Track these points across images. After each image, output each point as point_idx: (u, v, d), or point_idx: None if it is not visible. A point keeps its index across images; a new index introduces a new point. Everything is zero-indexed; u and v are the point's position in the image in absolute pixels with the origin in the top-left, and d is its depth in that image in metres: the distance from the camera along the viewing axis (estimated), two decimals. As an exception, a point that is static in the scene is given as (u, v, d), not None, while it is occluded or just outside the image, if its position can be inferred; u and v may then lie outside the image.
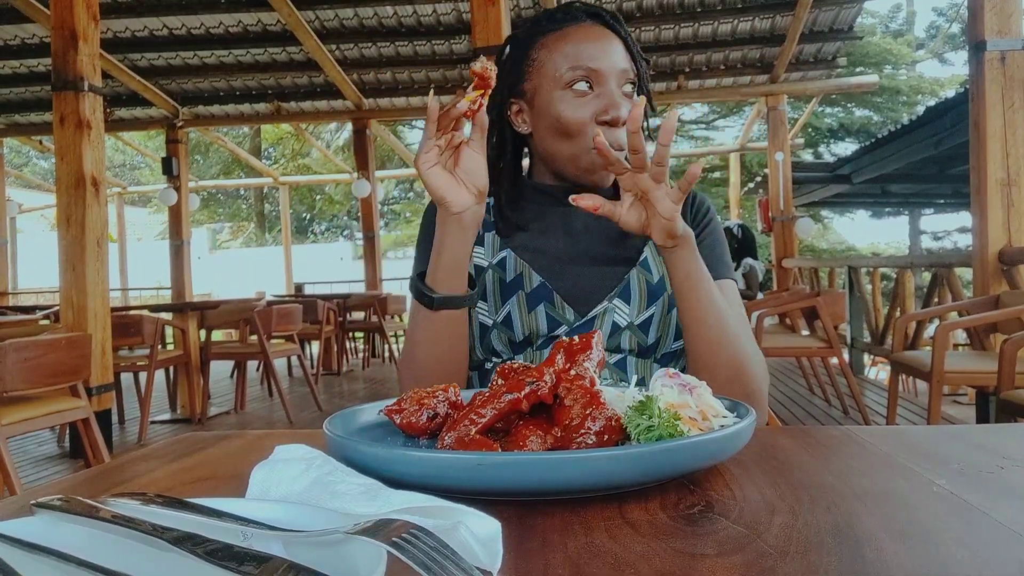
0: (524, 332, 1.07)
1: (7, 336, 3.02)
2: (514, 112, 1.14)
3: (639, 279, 1.07)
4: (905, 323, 4.24)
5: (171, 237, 8.70)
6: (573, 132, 1.04)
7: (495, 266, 1.12)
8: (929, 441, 0.68)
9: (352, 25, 6.92)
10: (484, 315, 1.10)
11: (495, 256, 1.13)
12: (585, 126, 1.04)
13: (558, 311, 1.06)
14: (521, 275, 1.09)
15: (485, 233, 1.16)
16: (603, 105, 1.04)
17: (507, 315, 1.08)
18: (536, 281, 1.08)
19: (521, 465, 0.50)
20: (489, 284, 1.11)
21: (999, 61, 3.78)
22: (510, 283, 1.09)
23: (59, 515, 0.40)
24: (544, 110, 1.07)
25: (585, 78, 1.04)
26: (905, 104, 16.99)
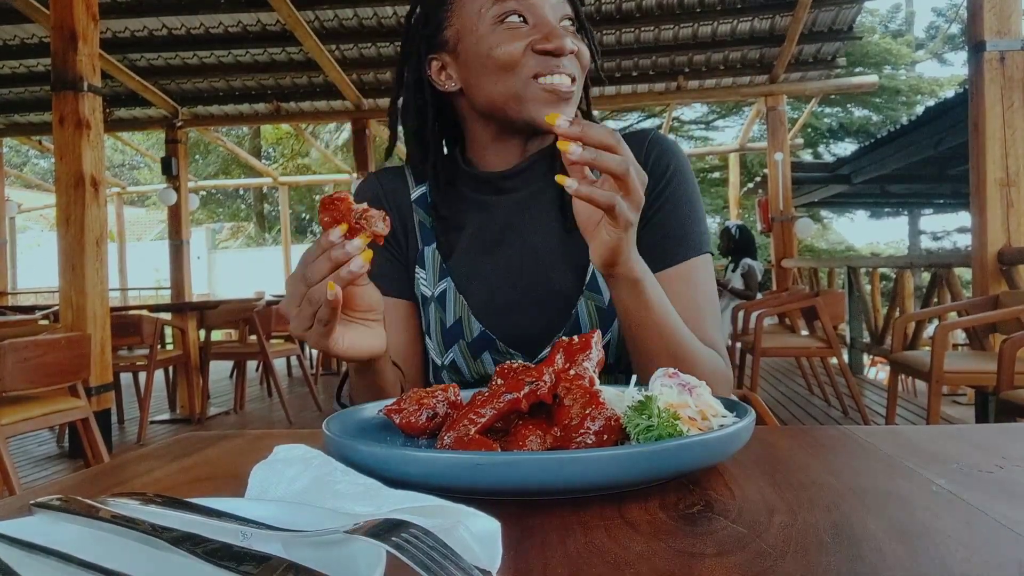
0: (474, 376, 1.00)
1: (6, 336, 3.02)
2: (435, 70, 1.00)
3: (588, 308, 0.96)
4: (904, 323, 4.24)
5: (170, 237, 8.69)
6: (508, 65, 0.91)
7: (436, 301, 1.02)
8: (928, 441, 0.68)
9: (352, 25, 6.92)
10: (433, 353, 1.02)
11: (436, 286, 1.03)
12: (519, 57, 0.91)
13: (504, 357, 0.98)
14: (460, 321, 0.99)
15: (425, 247, 1.05)
16: (541, 33, 0.91)
17: (452, 360, 1.00)
18: (476, 329, 0.98)
19: (520, 465, 0.50)
20: (432, 322, 1.02)
21: (998, 61, 3.78)
22: (450, 329, 1.00)
23: (58, 515, 0.40)
24: (472, 54, 0.94)
25: (515, 11, 0.92)
26: (904, 104, 17.01)
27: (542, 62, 0.91)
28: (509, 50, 0.92)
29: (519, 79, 0.92)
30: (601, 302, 0.97)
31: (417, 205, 1.08)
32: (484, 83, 0.95)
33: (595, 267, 0.82)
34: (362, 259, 0.70)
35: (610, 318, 0.96)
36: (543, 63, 0.91)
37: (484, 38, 0.93)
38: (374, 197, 1.07)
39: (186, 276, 8.55)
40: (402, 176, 1.11)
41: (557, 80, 0.92)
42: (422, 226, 1.07)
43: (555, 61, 0.91)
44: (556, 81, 0.92)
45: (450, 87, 1.00)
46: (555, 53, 0.91)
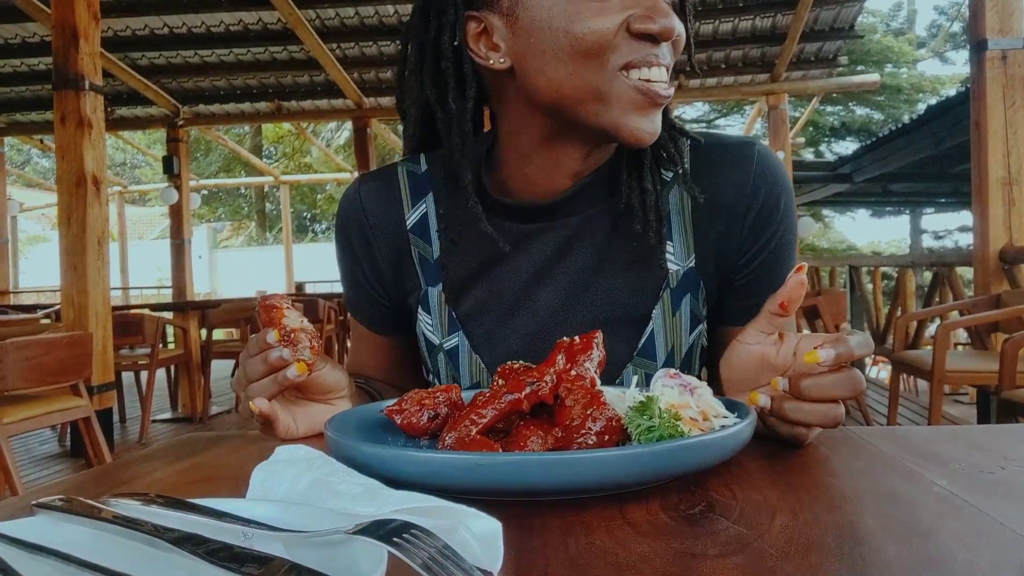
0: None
1: (8, 335, 3.02)
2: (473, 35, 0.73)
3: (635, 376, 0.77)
4: (906, 322, 4.24)
5: (172, 236, 8.70)
6: (594, 50, 0.68)
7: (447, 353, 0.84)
8: (930, 441, 0.68)
9: (353, 24, 6.91)
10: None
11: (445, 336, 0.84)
12: (611, 39, 0.68)
13: None
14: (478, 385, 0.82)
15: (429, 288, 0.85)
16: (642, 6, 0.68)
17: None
18: None
19: (522, 465, 0.50)
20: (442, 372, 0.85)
21: (1000, 60, 3.78)
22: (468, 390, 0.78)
23: (60, 515, 0.40)
24: (538, 22, 0.69)
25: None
26: (906, 102, 16.99)
27: (638, 49, 0.69)
28: (597, 27, 0.67)
29: (604, 71, 0.69)
30: (652, 368, 0.79)
31: (414, 234, 0.85)
32: (550, 67, 0.70)
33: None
34: (296, 369, 0.66)
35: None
36: (639, 50, 0.69)
37: (560, 6, 0.69)
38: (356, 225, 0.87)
39: (188, 275, 8.56)
40: (393, 188, 0.86)
41: (655, 76, 0.70)
42: (423, 260, 0.86)
43: (653, 48, 0.69)
44: (654, 77, 0.70)
45: (496, 63, 0.73)
46: (660, 37, 0.69)
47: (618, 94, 0.70)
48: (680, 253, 0.80)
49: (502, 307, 0.82)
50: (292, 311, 0.69)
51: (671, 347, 0.79)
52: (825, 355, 0.59)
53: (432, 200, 0.85)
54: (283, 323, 0.67)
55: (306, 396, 0.75)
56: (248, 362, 0.70)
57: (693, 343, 0.81)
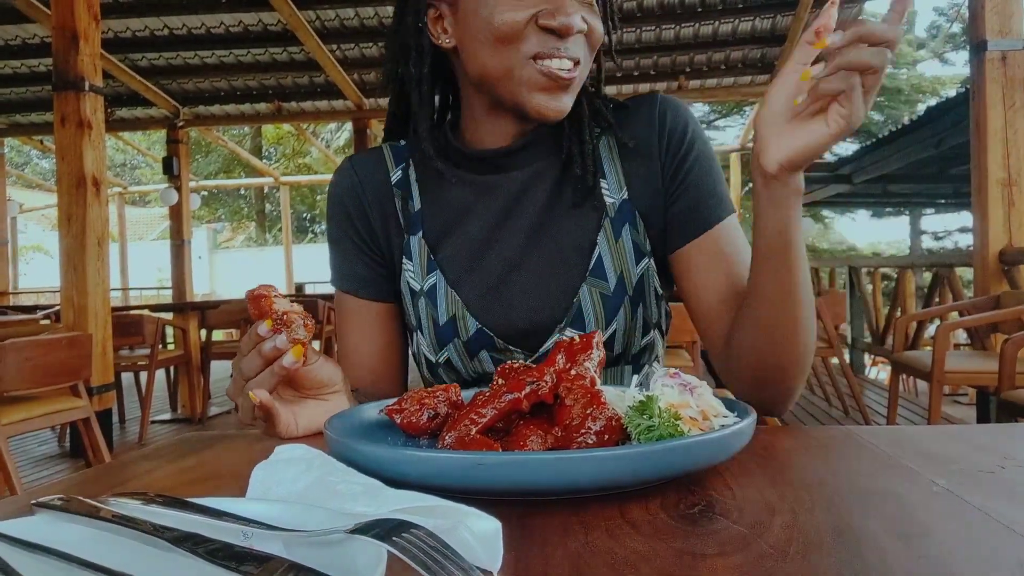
0: (472, 375, 0.94)
1: (8, 336, 3.02)
2: (432, 18, 0.89)
3: (592, 297, 0.89)
4: (906, 323, 4.24)
5: (172, 237, 8.70)
6: (507, 37, 0.82)
7: (426, 295, 0.94)
8: (929, 441, 0.68)
9: (353, 25, 6.92)
10: (426, 350, 0.95)
11: (425, 279, 0.94)
12: (521, 30, 0.81)
13: (503, 354, 0.92)
14: (454, 319, 0.91)
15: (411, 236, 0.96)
16: (549, 3, 0.81)
17: (447, 359, 0.93)
18: (472, 327, 0.91)
19: (521, 465, 0.50)
20: (424, 318, 0.94)
21: (1000, 61, 3.78)
22: (443, 327, 0.92)
23: (60, 515, 0.40)
24: (470, 12, 0.84)
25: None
26: (906, 103, 16.99)
27: (544, 41, 0.82)
28: (510, 19, 0.81)
29: (516, 56, 0.83)
30: (606, 289, 0.90)
31: (398, 188, 0.99)
32: (478, 50, 0.85)
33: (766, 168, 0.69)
34: (292, 355, 0.68)
35: (614, 307, 0.90)
36: (545, 43, 0.82)
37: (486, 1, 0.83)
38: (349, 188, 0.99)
39: (187, 276, 8.56)
40: (380, 158, 1.01)
41: (556, 65, 0.83)
42: (405, 213, 0.98)
43: (559, 42, 0.82)
44: (555, 66, 0.83)
45: (444, 43, 0.89)
46: (561, 33, 0.81)
47: (526, 77, 0.83)
48: (614, 187, 0.94)
49: (472, 247, 0.94)
50: (279, 298, 0.70)
51: (619, 271, 0.91)
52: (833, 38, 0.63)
53: (411, 163, 1.00)
54: (273, 308, 0.68)
55: (301, 392, 0.76)
56: (243, 361, 0.71)
57: (642, 275, 0.93)
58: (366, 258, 0.99)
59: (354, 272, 0.99)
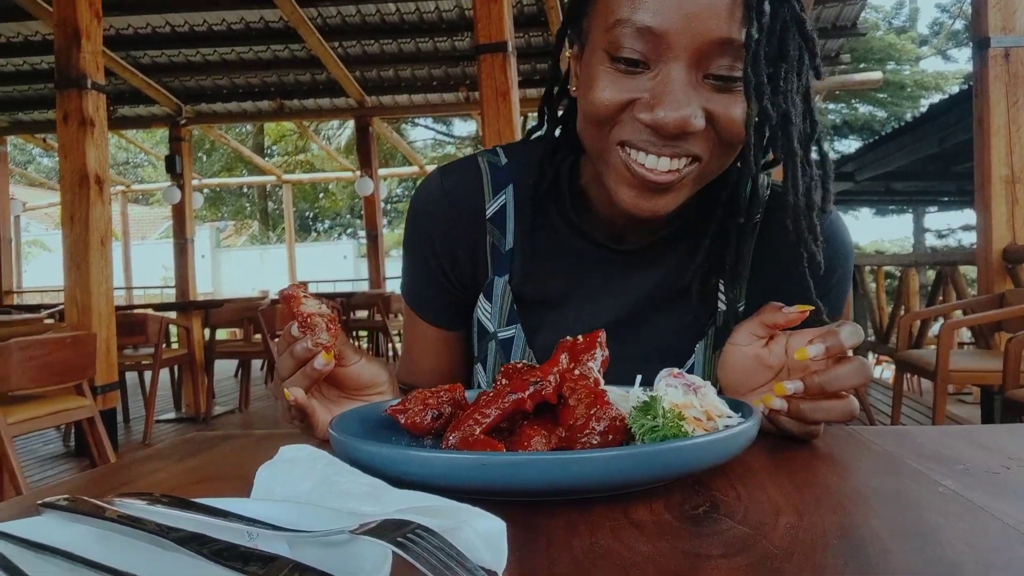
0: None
1: (12, 335, 3.03)
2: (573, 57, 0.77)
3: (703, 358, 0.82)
4: (909, 322, 4.23)
5: (175, 235, 8.71)
6: (598, 118, 0.68)
7: (499, 341, 0.85)
8: (934, 441, 0.68)
9: (355, 22, 6.92)
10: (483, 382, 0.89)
11: (502, 327, 0.86)
12: (614, 112, 0.67)
13: None
14: None
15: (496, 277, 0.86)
16: (650, 92, 0.65)
17: None
18: None
19: (525, 465, 0.50)
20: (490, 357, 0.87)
21: (1003, 58, 3.77)
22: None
23: (65, 515, 0.40)
24: (583, 73, 0.72)
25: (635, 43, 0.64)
26: (909, 99, 16.95)
27: (639, 131, 0.67)
28: (604, 100, 0.67)
29: (607, 139, 0.70)
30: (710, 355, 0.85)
31: (493, 224, 0.86)
32: (581, 116, 0.73)
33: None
34: (323, 358, 0.66)
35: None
36: (639, 132, 0.67)
37: (594, 65, 0.69)
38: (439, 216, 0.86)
39: (191, 274, 8.57)
40: (476, 177, 0.87)
41: (647, 162, 0.68)
42: (495, 250, 0.86)
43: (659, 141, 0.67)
44: (645, 163, 0.68)
45: (572, 90, 0.77)
46: (658, 131, 0.66)
47: (613, 164, 0.71)
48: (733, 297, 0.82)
49: (561, 312, 0.84)
50: (310, 298, 0.69)
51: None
52: (815, 351, 0.61)
53: (511, 191, 0.86)
54: (300, 310, 0.68)
55: (345, 393, 0.75)
56: (279, 360, 0.70)
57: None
58: (441, 289, 0.90)
59: (425, 296, 0.92)
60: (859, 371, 0.61)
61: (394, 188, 20.68)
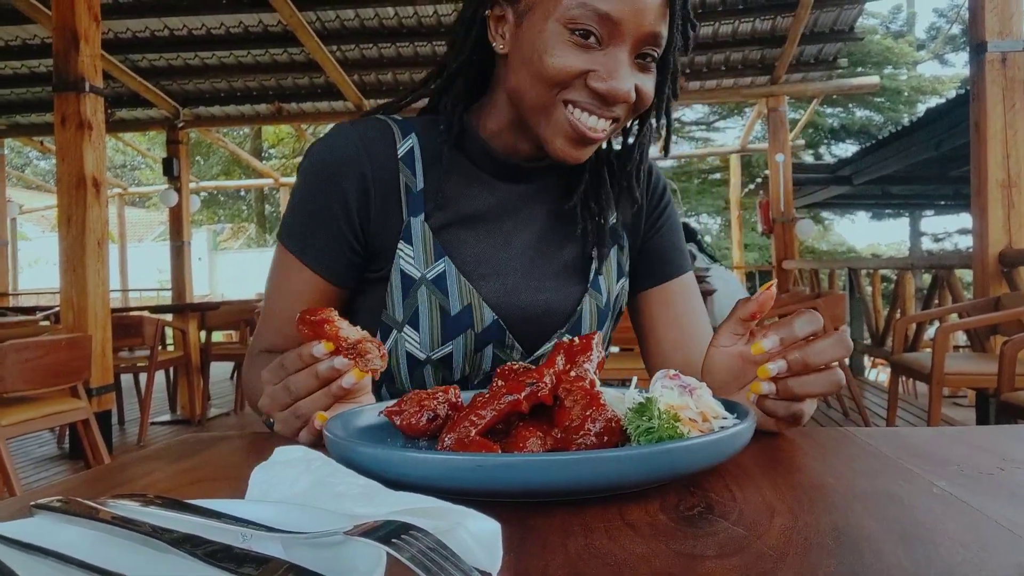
0: (465, 371, 0.90)
1: (7, 337, 3.02)
2: (495, 16, 0.87)
3: (591, 306, 0.95)
4: (905, 325, 4.24)
5: (172, 238, 8.70)
6: (552, 80, 0.80)
7: (431, 284, 0.88)
8: (929, 442, 0.68)
9: (353, 26, 6.92)
10: (414, 346, 0.88)
11: (429, 267, 0.89)
12: (570, 80, 0.80)
13: (506, 352, 0.91)
14: (470, 308, 0.88)
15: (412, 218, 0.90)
16: (603, 67, 0.79)
17: (448, 354, 0.88)
18: (489, 319, 0.89)
19: (521, 466, 0.50)
20: (424, 310, 0.88)
21: (1000, 62, 3.78)
22: (455, 317, 0.88)
23: (59, 516, 0.40)
24: (530, 38, 0.81)
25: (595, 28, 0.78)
26: (906, 104, 17.00)
27: (586, 96, 0.81)
28: (562, 67, 0.79)
29: (554, 98, 0.82)
30: (600, 301, 0.97)
31: (404, 163, 0.91)
32: (522, 73, 0.83)
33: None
34: (354, 375, 0.66)
35: (602, 320, 0.98)
36: (586, 98, 0.81)
37: (548, 34, 0.80)
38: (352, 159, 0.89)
39: (187, 277, 8.55)
40: (385, 127, 0.94)
41: (589, 123, 0.82)
42: (408, 191, 0.91)
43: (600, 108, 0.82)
44: (588, 123, 0.82)
45: (498, 48, 0.87)
46: (605, 99, 0.81)
47: (556, 118, 0.83)
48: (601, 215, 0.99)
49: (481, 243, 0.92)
50: (344, 321, 0.67)
51: (607, 287, 0.98)
52: (769, 343, 0.66)
53: (415, 138, 0.94)
54: (341, 335, 0.66)
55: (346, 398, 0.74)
56: (292, 380, 0.68)
57: (619, 293, 1.01)
58: (346, 242, 0.90)
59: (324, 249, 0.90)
60: (839, 342, 0.63)
61: (392, 191, 20.63)
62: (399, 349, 0.89)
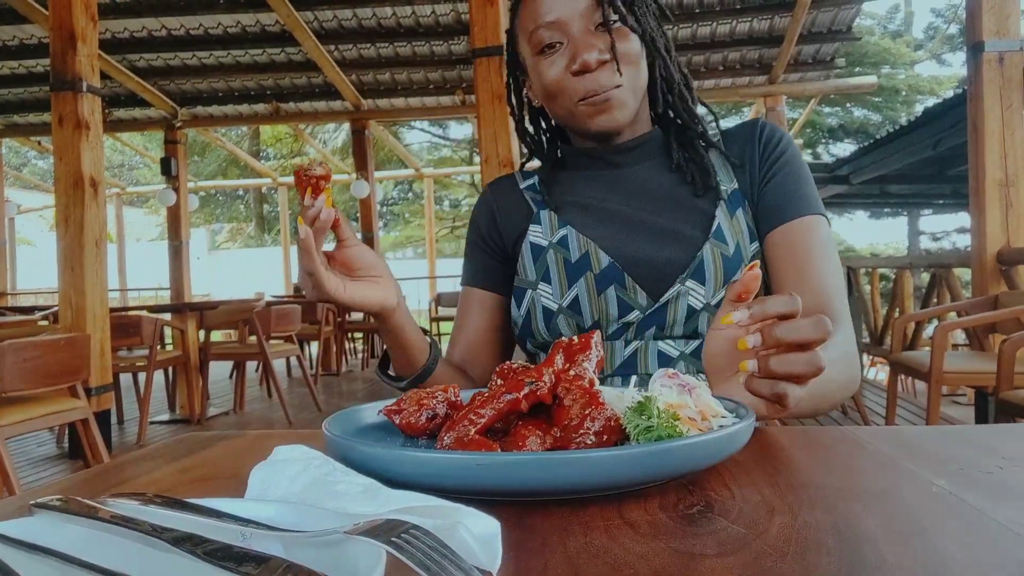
0: (594, 316, 1.00)
1: (6, 336, 3.02)
2: (527, 87, 1.13)
3: (713, 255, 0.97)
4: (904, 323, 4.24)
5: (170, 238, 8.69)
6: (555, 93, 1.01)
7: (556, 245, 1.05)
8: (928, 441, 0.68)
9: (351, 26, 6.92)
10: (548, 299, 1.02)
11: (554, 234, 1.06)
12: (562, 83, 1.00)
13: (629, 294, 0.98)
14: (587, 254, 1.01)
15: (540, 211, 1.10)
16: (570, 56, 0.98)
17: (574, 299, 1.00)
18: (605, 261, 1.00)
19: (520, 465, 0.50)
20: (552, 265, 1.04)
21: (997, 62, 3.79)
22: (576, 263, 1.01)
23: (58, 515, 0.40)
24: (537, 82, 1.05)
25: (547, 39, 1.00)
26: (904, 103, 17.01)
27: (580, 83, 0.98)
28: (551, 78, 1.01)
29: (569, 102, 1.01)
30: (727, 251, 0.98)
31: (527, 190, 1.16)
32: (547, 105, 1.07)
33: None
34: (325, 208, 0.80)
35: (733, 269, 0.97)
36: (581, 85, 0.98)
37: (534, 68, 1.04)
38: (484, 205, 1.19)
39: (186, 277, 8.55)
40: (511, 179, 1.20)
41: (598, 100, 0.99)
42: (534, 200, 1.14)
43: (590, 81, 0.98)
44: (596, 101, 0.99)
45: (536, 104, 1.13)
46: (583, 70, 0.97)
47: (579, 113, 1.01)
48: (725, 181, 1.05)
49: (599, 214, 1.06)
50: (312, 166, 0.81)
51: (737, 241, 0.99)
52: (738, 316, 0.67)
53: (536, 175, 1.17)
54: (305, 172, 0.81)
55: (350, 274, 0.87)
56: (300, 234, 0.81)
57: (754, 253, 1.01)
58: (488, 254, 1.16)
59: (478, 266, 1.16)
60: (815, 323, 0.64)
61: (389, 191, 20.68)
62: (536, 306, 1.04)
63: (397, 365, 0.99)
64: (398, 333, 0.94)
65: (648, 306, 0.97)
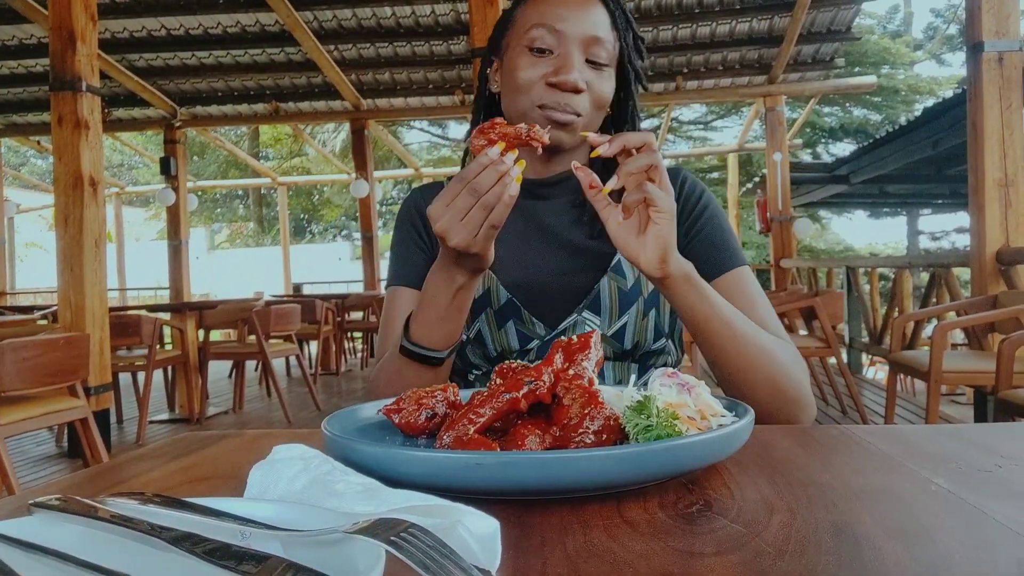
0: (496, 348, 1.05)
1: (5, 336, 3.02)
2: (492, 69, 1.12)
3: (610, 287, 1.03)
4: (903, 323, 4.25)
5: (169, 237, 8.69)
6: (522, 88, 1.01)
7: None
8: (927, 440, 0.68)
9: (350, 26, 6.92)
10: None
11: None
12: (533, 84, 1.00)
13: (527, 326, 1.04)
14: (488, 291, 1.06)
15: None
16: (555, 66, 0.99)
17: (478, 332, 1.05)
18: (503, 297, 1.04)
19: (519, 464, 0.50)
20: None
21: (996, 62, 3.79)
22: (478, 300, 1.05)
23: (57, 515, 0.40)
24: (508, 69, 1.04)
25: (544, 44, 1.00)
26: (903, 103, 17.01)
27: (549, 94, 0.99)
28: (526, 76, 1.01)
29: (528, 102, 1.01)
30: (623, 284, 1.03)
31: None
32: (507, 96, 1.05)
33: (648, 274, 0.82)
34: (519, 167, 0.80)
35: (628, 302, 1.02)
36: (550, 95, 0.99)
37: (514, 57, 1.03)
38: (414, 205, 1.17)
39: (185, 276, 8.55)
40: (437, 183, 1.21)
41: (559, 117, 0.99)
42: None
43: (561, 97, 0.99)
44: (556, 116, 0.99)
45: (494, 88, 1.11)
46: (559, 86, 0.98)
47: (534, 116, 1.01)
48: None
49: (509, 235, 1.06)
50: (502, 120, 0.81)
51: (637, 275, 1.04)
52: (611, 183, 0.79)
53: None
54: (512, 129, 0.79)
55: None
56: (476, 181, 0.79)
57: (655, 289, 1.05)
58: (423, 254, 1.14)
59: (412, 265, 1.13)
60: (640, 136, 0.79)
61: (389, 190, 20.67)
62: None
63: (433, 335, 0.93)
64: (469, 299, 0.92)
65: (546, 334, 1.03)
